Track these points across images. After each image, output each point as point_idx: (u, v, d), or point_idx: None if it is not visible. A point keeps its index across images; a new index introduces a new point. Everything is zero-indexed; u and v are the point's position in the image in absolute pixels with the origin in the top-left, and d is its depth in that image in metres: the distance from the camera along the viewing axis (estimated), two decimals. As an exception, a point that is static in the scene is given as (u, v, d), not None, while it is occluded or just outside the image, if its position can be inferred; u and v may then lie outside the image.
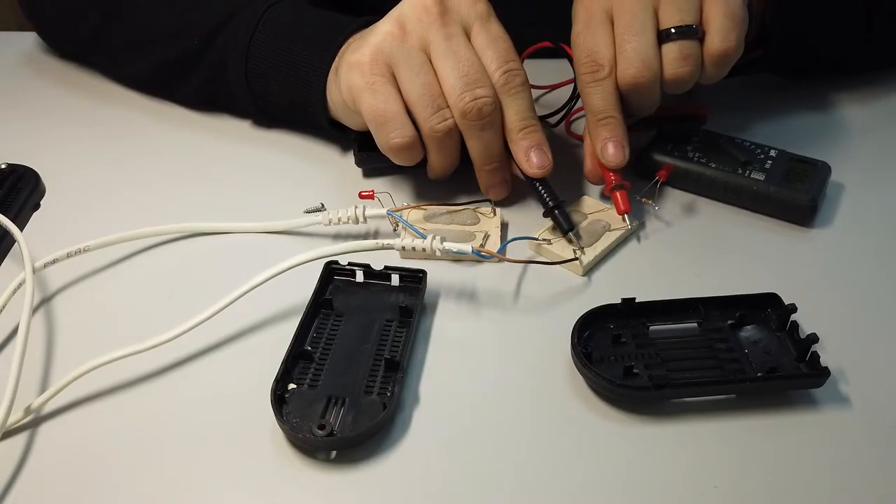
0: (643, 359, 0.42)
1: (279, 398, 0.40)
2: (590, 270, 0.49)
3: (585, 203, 0.54)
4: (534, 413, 0.41)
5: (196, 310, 0.43)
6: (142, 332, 0.43)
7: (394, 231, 0.52)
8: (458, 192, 0.54)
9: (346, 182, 0.57)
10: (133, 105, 0.66)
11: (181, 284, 0.49)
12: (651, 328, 0.44)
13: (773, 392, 0.42)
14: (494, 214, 0.52)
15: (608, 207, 0.52)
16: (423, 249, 0.47)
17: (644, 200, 0.53)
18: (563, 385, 0.43)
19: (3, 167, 0.57)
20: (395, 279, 0.47)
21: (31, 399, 0.41)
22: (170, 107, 0.65)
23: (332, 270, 0.48)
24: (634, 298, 0.44)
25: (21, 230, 0.51)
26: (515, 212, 0.54)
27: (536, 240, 0.50)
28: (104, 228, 0.51)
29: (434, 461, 0.39)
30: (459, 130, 0.50)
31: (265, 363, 0.42)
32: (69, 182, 0.58)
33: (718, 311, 0.45)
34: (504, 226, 0.52)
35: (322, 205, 0.53)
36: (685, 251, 0.51)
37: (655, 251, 0.51)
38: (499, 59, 0.49)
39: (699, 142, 0.56)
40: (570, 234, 0.50)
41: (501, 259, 0.48)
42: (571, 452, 0.39)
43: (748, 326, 0.44)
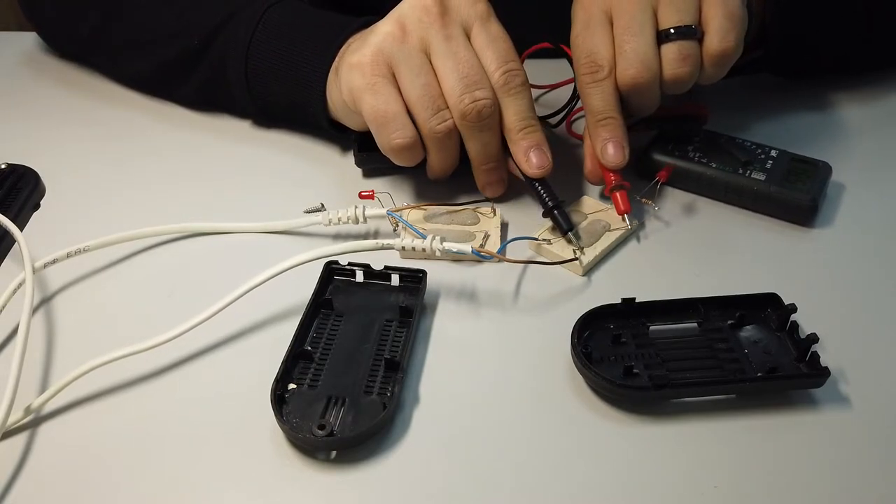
0: (643, 359, 0.42)
1: (279, 398, 0.40)
2: (590, 270, 0.49)
3: (585, 203, 0.53)
4: (534, 413, 0.41)
5: (196, 310, 0.44)
6: (142, 332, 0.43)
7: (394, 231, 0.52)
8: (458, 192, 0.55)
9: (346, 182, 0.57)
10: (133, 105, 0.66)
11: (181, 284, 0.49)
12: (651, 328, 0.44)
13: (773, 392, 0.42)
14: (494, 214, 0.52)
15: (608, 207, 0.52)
16: (423, 249, 0.47)
17: (644, 201, 0.53)
18: (563, 385, 0.43)
19: (3, 167, 0.57)
20: (395, 279, 0.47)
21: (31, 399, 0.41)
22: (170, 107, 0.65)
23: (332, 270, 0.48)
24: (634, 298, 0.44)
25: (21, 230, 0.51)
26: (515, 212, 0.54)
27: (536, 240, 0.50)
28: (104, 228, 0.51)
29: (434, 461, 0.39)
30: (459, 131, 0.50)
31: (265, 363, 0.42)
32: (69, 182, 0.58)
33: (718, 311, 0.45)
34: (504, 226, 0.53)
35: (322, 205, 0.53)
36: (685, 251, 0.51)
37: (655, 251, 0.51)
38: (499, 60, 0.49)
39: (700, 142, 0.56)
40: (570, 234, 0.50)
41: (501, 259, 0.48)
42: (571, 452, 0.39)
43: (748, 326, 0.44)
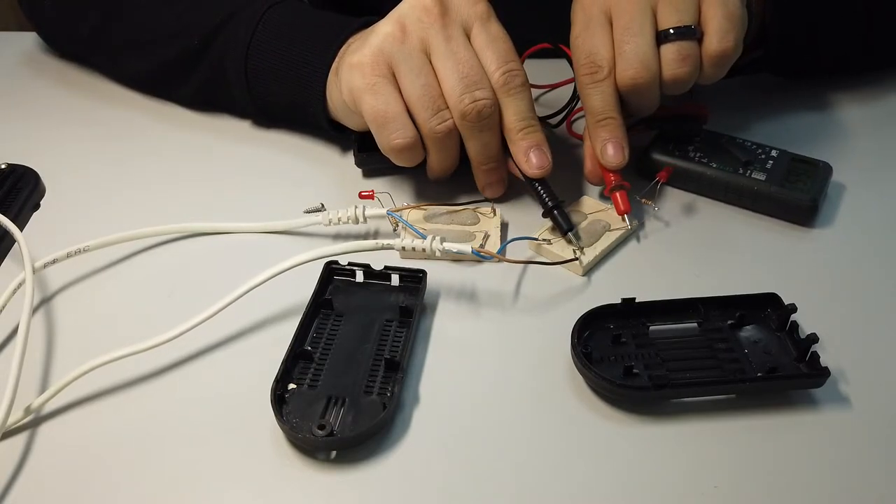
0: (643, 359, 0.42)
1: (279, 398, 0.40)
2: (590, 270, 0.49)
3: (585, 203, 0.53)
4: (534, 413, 0.41)
5: (196, 310, 0.43)
6: (142, 332, 0.43)
7: (394, 231, 0.52)
8: (458, 192, 0.55)
9: (346, 182, 0.57)
10: (133, 105, 0.66)
11: (181, 284, 0.49)
12: (651, 328, 0.44)
13: (773, 392, 0.42)
14: (494, 214, 0.52)
15: (608, 207, 0.52)
16: (423, 249, 0.47)
17: (644, 201, 0.53)
18: (563, 385, 0.43)
19: (3, 167, 0.57)
20: (395, 279, 0.47)
21: (31, 399, 0.41)
22: (170, 107, 0.65)
23: (332, 270, 0.48)
24: (634, 298, 0.44)
25: (21, 230, 0.51)
26: (515, 212, 0.54)
27: (536, 240, 0.50)
28: (104, 228, 0.51)
29: (434, 461, 0.39)
30: (459, 131, 0.50)
31: (265, 363, 0.42)
32: (69, 182, 0.58)
33: (718, 311, 0.45)
34: (504, 226, 0.52)
35: (322, 205, 0.53)
36: (685, 251, 0.51)
37: (655, 251, 0.51)
38: (498, 60, 0.49)
39: (700, 142, 0.56)
40: (570, 235, 0.50)
41: (501, 259, 0.48)
42: (571, 452, 0.39)
43: (748, 326, 0.44)
